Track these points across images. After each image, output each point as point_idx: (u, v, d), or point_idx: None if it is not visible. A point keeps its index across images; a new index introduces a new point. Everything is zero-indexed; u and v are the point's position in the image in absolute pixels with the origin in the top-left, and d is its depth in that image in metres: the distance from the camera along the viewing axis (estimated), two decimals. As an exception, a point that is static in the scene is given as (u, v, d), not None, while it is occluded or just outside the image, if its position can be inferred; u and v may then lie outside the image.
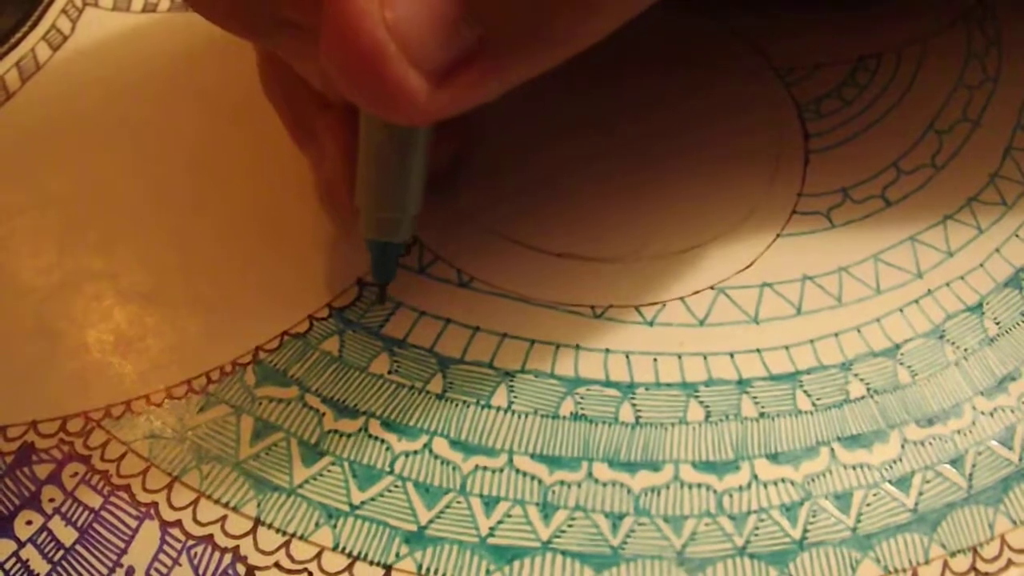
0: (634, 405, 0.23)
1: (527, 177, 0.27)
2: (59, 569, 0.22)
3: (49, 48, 0.31)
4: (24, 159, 0.28)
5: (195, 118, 0.29)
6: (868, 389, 0.24)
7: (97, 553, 0.22)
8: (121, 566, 0.22)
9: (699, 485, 0.22)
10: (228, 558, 0.22)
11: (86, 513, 0.22)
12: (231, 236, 0.27)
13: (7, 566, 0.22)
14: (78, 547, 0.22)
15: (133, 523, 0.22)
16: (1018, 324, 0.25)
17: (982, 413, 0.23)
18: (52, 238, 0.27)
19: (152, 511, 0.22)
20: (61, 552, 0.22)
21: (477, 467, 0.23)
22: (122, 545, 0.22)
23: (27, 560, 0.22)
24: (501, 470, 0.23)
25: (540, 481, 0.22)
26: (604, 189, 0.27)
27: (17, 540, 0.22)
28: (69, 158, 0.28)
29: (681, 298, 0.25)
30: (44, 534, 0.22)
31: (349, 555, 0.22)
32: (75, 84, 0.30)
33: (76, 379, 0.24)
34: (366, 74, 0.17)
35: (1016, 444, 0.23)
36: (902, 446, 0.23)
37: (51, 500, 0.23)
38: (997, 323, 0.25)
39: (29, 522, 0.22)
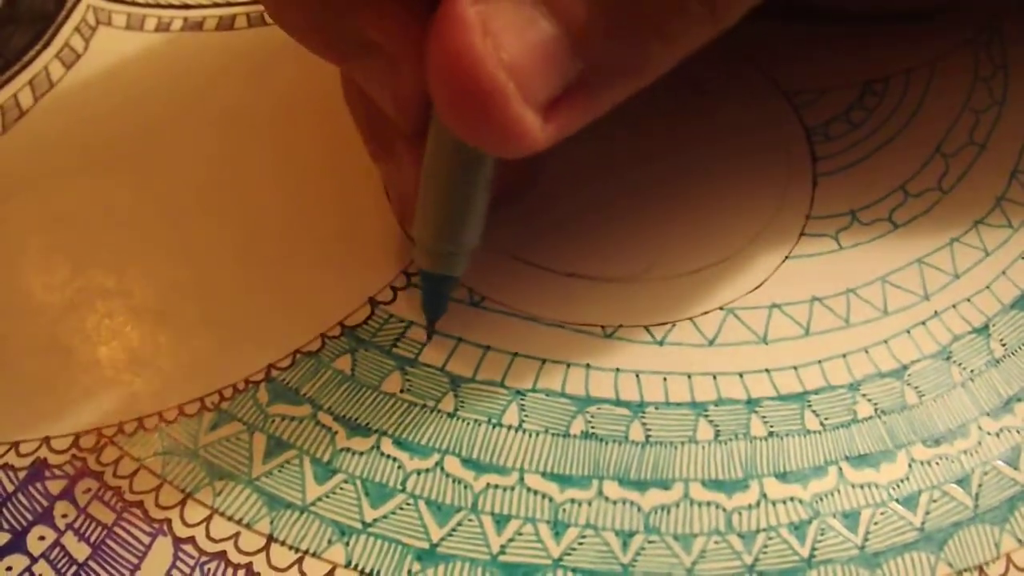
0: (644, 424, 0.24)
1: (537, 198, 0.27)
2: (72, 584, 0.22)
3: (62, 66, 0.31)
4: (37, 177, 0.29)
5: (207, 137, 0.29)
6: (876, 409, 0.24)
7: (110, 569, 0.22)
8: (135, 581, 0.22)
9: (708, 503, 0.23)
10: (241, 574, 0.22)
11: (99, 529, 0.23)
12: (243, 254, 0.27)
13: (20, 582, 0.22)
14: (91, 563, 0.22)
15: (146, 539, 0.22)
16: (1023, 346, 0.25)
17: (988, 434, 0.24)
18: (64, 255, 0.27)
19: (165, 527, 0.23)
20: (74, 568, 0.22)
21: (488, 485, 0.23)
22: (135, 561, 0.22)
23: (40, 575, 0.22)
24: (512, 488, 0.23)
25: (551, 499, 0.23)
26: (614, 209, 0.27)
27: (30, 556, 0.22)
28: (82, 176, 0.29)
29: (691, 318, 0.25)
30: (57, 550, 0.22)
31: (362, 572, 0.22)
32: (88, 103, 0.30)
33: (89, 396, 0.25)
34: (485, 113, 0.18)
35: (1022, 464, 0.23)
36: (909, 466, 0.23)
37: (64, 516, 0.23)
38: (1003, 345, 0.25)
39: (42, 537, 0.23)
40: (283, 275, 0.26)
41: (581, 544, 0.22)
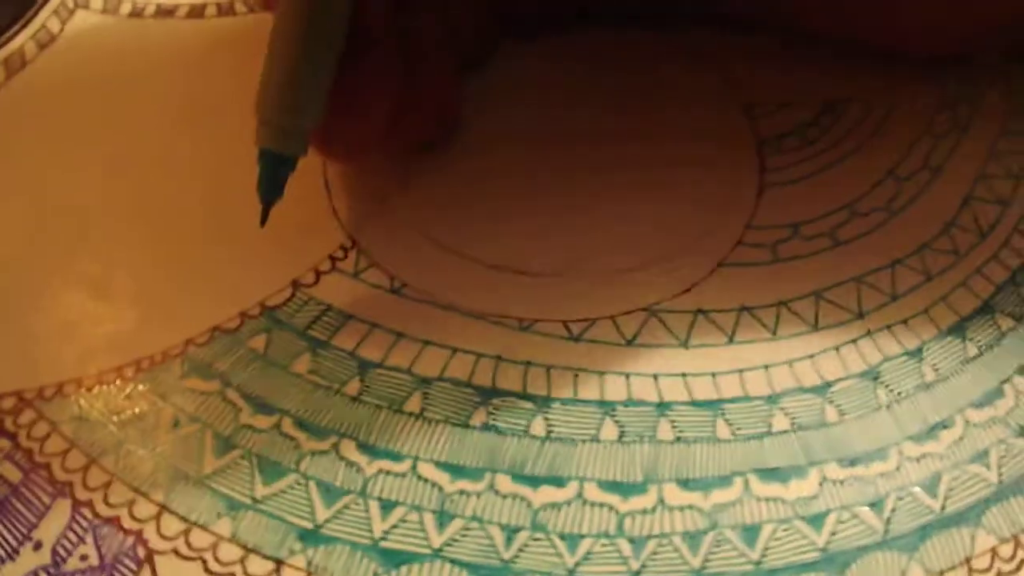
0: (547, 419, 0.23)
1: (472, 188, 0.27)
2: (-29, 539, 0.22)
3: (37, 47, 0.32)
4: (1, 151, 0.29)
5: (162, 119, 0.30)
6: (792, 424, 0.23)
7: (10, 526, 0.22)
8: (31, 539, 0.22)
9: (601, 504, 0.22)
10: (131, 540, 0.22)
11: (5, 487, 0.23)
12: (178, 234, 0.27)
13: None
14: (-7, 518, 0.22)
15: (48, 500, 0.23)
16: (957, 373, 0.24)
17: (908, 458, 0.23)
18: (15, 225, 0.28)
19: (67, 490, 0.23)
20: (-25, 522, 0.22)
21: (380, 471, 0.22)
22: (35, 520, 0.22)
23: (-58, 528, 0.22)
24: (404, 475, 0.22)
25: (440, 488, 0.22)
26: (549, 203, 0.27)
27: (-65, 509, 0.23)
28: (43, 153, 0.29)
29: (612, 317, 0.25)
30: (-37, 505, 0.23)
31: (244, 547, 0.22)
32: (56, 83, 0.31)
33: (16, 359, 0.25)
34: None
35: (940, 492, 0.22)
36: (820, 484, 0.22)
37: (-25, 473, 0.23)
38: (936, 370, 0.24)
39: (-50, 492, 0.23)
40: (212, 255, 0.26)
41: (464, 536, 0.22)
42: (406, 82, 0.25)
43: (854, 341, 0.25)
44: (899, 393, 0.24)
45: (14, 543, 0.22)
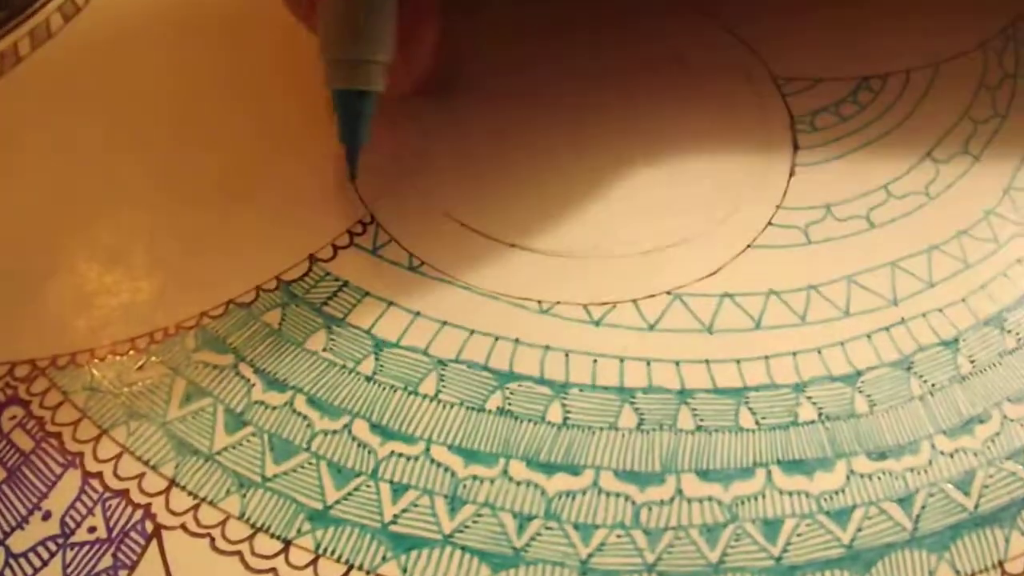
0: (564, 405, 0.22)
1: (495, 165, 0.27)
2: (-19, 506, 0.22)
3: (62, 19, 0.32)
4: (23, 120, 0.29)
5: (182, 90, 0.29)
6: (820, 414, 0.22)
7: (20, 495, 0.22)
8: (40, 509, 0.22)
9: (617, 494, 0.21)
10: (139, 514, 0.22)
11: (17, 456, 0.23)
12: (198, 205, 0.27)
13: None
14: (3, 487, 0.22)
15: (58, 470, 0.22)
16: (994, 365, 0.23)
17: (941, 453, 0.22)
18: (33, 194, 0.27)
19: (77, 461, 0.22)
20: (-14, 491, 0.22)
21: (393, 453, 0.22)
22: (44, 490, 0.22)
23: (-47, 496, 0.22)
24: (416, 458, 0.22)
25: (453, 473, 0.22)
26: (574, 182, 0.26)
27: (-54, 476, 0.23)
28: (63, 121, 0.29)
29: (634, 300, 0.24)
30: (-26, 472, 0.23)
31: (252, 525, 0.21)
32: (79, 52, 0.31)
33: (30, 327, 0.25)
34: None
35: (973, 490, 0.21)
36: (847, 477, 0.22)
37: (-13, 440, 0.23)
38: (972, 361, 0.23)
39: (-38, 460, 0.23)
40: (228, 228, 0.26)
41: (475, 522, 0.21)
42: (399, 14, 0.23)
43: (887, 328, 0.24)
44: (933, 384, 0.23)
45: (24, 512, 0.22)
